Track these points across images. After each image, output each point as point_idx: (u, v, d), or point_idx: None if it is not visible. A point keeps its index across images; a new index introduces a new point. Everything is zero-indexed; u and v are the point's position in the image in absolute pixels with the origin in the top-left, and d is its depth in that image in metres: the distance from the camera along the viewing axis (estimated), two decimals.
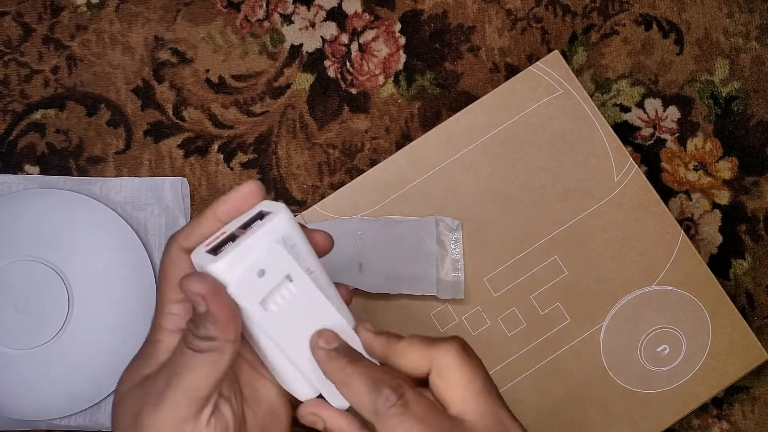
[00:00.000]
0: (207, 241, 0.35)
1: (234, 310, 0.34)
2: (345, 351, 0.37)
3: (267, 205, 0.36)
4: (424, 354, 0.37)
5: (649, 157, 0.61)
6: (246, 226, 0.35)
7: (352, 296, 0.42)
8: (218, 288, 0.34)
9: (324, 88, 0.61)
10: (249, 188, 0.36)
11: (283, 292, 0.35)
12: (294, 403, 0.40)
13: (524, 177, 0.56)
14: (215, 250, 0.35)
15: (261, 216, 0.36)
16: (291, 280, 0.35)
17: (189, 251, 0.36)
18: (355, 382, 0.36)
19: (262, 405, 0.39)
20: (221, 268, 0.33)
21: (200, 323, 0.34)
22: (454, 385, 0.36)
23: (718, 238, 0.60)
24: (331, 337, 0.37)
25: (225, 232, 0.35)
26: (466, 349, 0.37)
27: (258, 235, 0.34)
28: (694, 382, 0.55)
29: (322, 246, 0.38)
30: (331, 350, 0.36)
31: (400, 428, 0.35)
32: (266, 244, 0.34)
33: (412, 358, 0.37)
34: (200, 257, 0.35)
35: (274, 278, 0.35)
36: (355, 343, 0.38)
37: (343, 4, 0.62)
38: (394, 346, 0.37)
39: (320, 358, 0.36)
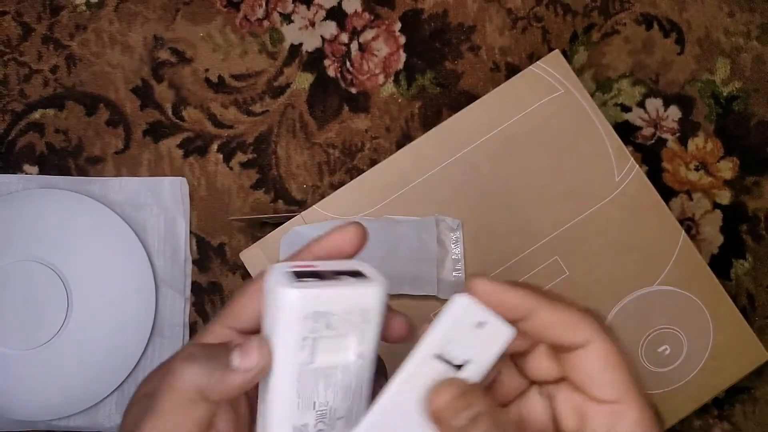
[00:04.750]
0: (294, 263, 0.34)
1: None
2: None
3: (368, 269, 0.35)
4: (570, 334, 0.32)
5: (650, 156, 0.60)
6: (338, 274, 0.34)
7: (409, 329, 0.37)
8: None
9: (324, 87, 0.61)
10: (352, 231, 0.36)
11: (327, 352, 0.34)
12: None
13: (525, 177, 0.56)
14: (298, 275, 0.33)
15: (356, 275, 0.34)
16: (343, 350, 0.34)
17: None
18: (563, 303, 0.32)
19: None
20: (294, 296, 0.32)
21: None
22: (608, 379, 0.32)
23: (719, 238, 0.60)
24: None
25: (315, 267, 0.34)
26: (614, 338, 0.33)
27: (345, 292, 0.33)
28: (695, 383, 0.55)
29: (397, 332, 0.35)
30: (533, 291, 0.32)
31: (618, 346, 0.31)
32: (347, 305, 0.33)
33: (555, 336, 0.32)
34: (280, 273, 0.33)
35: (331, 337, 0.33)
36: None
37: (343, 3, 0.61)
38: (536, 312, 0.32)
39: (521, 286, 0.32)
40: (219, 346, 0.34)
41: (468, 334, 0.32)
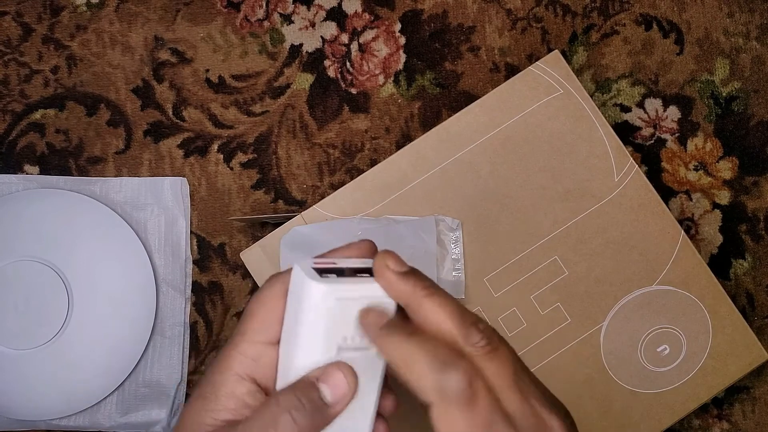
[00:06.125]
0: (316, 260, 0.35)
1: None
2: (400, 325, 0.34)
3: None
4: (455, 330, 0.33)
5: (649, 157, 0.61)
6: (357, 272, 0.35)
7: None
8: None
9: (324, 88, 0.61)
10: (366, 245, 0.37)
11: (353, 340, 0.35)
12: None
13: (524, 177, 0.56)
14: (321, 272, 0.34)
15: (372, 273, 0.36)
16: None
17: None
18: (417, 360, 0.32)
19: None
20: (321, 290, 0.33)
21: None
22: (488, 377, 0.33)
23: (719, 238, 0.60)
24: (382, 315, 0.34)
25: (335, 263, 0.35)
26: (494, 340, 0.34)
27: (368, 287, 0.34)
28: (694, 382, 0.55)
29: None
30: (385, 325, 0.33)
31: (462, 423, 0.31)
32: (369, 300, 0.34)
33: (437, 323, 0.34)
34: (306, 267, 0.34)
35: (354, 332, 0.35)
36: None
37: (343, 3, 0.62)
38: (421, 300, 0.34)
39: (374, 334, 0.33)
40: (299, 384, 0.34)
41: (354, 324, 0.34)
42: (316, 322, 0.34)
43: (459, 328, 0.33)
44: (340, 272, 0.35)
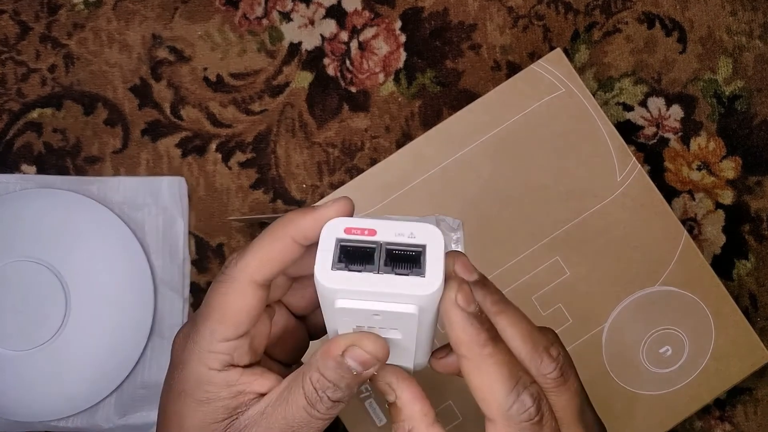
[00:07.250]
0: (352, 225, 0.31)
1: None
2: (486, 322, 0.30)
3: (433, 250, 0.30)
4: (527, 355, 0.32)
5: (652, 156, 0.60)
6: (397, 255, 0.30)
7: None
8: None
9: (323, 86, 0.61)
10: (338, 206, 0.32)
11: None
12: (310, 332, 0.38)
13: (526, 176, 0.56)
14: (349, 253, 0.30)
15: (417, 257, 0.30)
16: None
17: (261, 285, 0.32)
18: (491, 369, 0.30)
19: (278, 326, 0.36)
20: (341, 305, 0.30)
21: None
22: (555, 409, 0.32)
23: (722, 239, 0.60)
24: (470, 296, 0.30)
25: (375, 233, 0.31)
26: (566, 371, 0.32)
27: (383, 306, 0.30)
28: (696, 384, 0.55)
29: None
30: (472, 314, 0.30)
31: None
32: (384, 314, 0.30)
33: (508, 342, 0.32)
34: (327, 260, 0.30)
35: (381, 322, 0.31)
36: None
37: (342, 1, 0.61)
38: (492, 317, 0.32)
39: (458, 321, 0.30)
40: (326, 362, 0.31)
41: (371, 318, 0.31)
42: (343, 322, 0.31)
43: (532, 353, 0.32)
44: (370, 255, 0.30)
